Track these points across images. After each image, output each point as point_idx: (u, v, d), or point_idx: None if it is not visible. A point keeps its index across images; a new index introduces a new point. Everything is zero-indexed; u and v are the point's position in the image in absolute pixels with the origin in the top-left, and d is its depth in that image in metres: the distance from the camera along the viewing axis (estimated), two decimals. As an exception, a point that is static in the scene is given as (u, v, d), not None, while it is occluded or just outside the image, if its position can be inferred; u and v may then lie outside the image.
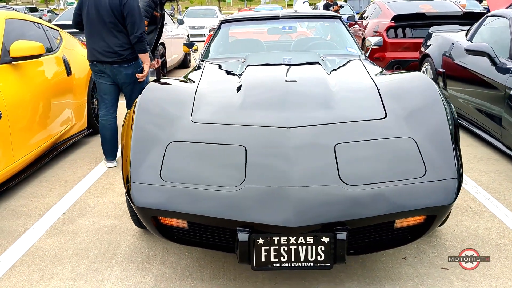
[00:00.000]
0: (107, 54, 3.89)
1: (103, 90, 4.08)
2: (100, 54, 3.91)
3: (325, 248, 1.94)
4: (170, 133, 2.37)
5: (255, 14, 4.56)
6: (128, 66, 3.96)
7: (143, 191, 2.10)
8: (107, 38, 3.87)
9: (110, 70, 3.95)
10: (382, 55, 7.84)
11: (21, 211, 3.29)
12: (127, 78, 3.99)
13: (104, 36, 3.88)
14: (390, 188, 2.00)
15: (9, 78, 3.56)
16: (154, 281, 2.41)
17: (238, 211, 1.94)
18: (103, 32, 3.87)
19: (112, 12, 3.82)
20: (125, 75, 3.97)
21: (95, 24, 3.89)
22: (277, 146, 2.20)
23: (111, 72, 3.96)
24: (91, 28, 3.93)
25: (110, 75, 3.99)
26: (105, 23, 3.85)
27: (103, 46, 3.89)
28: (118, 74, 3.96)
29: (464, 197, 3.32)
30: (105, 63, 3.93)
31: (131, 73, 3.99)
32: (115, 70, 3.94)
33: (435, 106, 2.42)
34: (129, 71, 3.98)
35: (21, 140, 3.58)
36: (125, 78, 3.98)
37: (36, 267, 2.56)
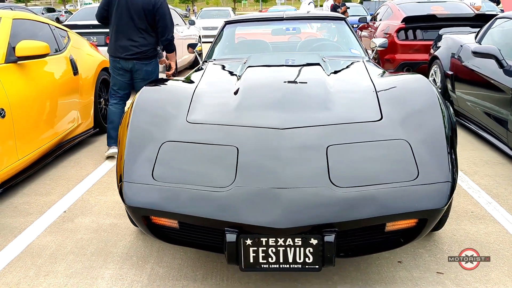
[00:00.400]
0: (132, 51, 4.15)
1: (118, 85, 4.34)
2: (124, 52, 4.16)
3: (313, 250, 1.93)
4: (164, 133, 2.38)
5: (260, 15, 4.56)
6: (149, 63, 4.25)
7: (134, 191, 2.11)
8: (134, 38, 4.12)
9: (132, 65, 4.20)
10: (392, 57, 7.78)
11: (23, 209, 3.33)
12: (147, 74, 4.25)
13: (132, 36, 4.13)
14: (380, 191, 1.98)
15: (14, 77, 3.61)
16: (148, 280, 2.42)
17: (226, 212, 1.94)
18: (131, 32, 4.13)
19: (144, 15, 4.09)
20: (145, 72, 4.24)
21: (124, 23, 4.13)
22: (269, 147, 2.20)
23: (133, 67, 4.21)
24: (119, 27, 4.16)
25: (131, 71, 4.25)
26: (135, 24, 4.11)
27: (129, 44, 4.14)
28: (139, 70, 4.22)
29: (466, 201, 3.28)
30: (128, 60, 4.18)
31: (151, 70, 4.27)
32: (137, 66, 4.20)
33: (432, 109, 2.39)
34: (149, 68, 4.26)
35: (25, 139, 3.63)
36: (145, 74, 4.24)
37: (33, 264, 2.59)
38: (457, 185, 3.50)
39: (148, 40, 4.16)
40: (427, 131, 2.28)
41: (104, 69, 5.32)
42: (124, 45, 4.15)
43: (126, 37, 4.14)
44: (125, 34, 4.14)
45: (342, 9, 12.94)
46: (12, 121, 3.44)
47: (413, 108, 2.45)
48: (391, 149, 2.20)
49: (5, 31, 3.77)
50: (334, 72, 3.16)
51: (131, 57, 4.16)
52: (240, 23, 4.47)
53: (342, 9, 12.94)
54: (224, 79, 3.10)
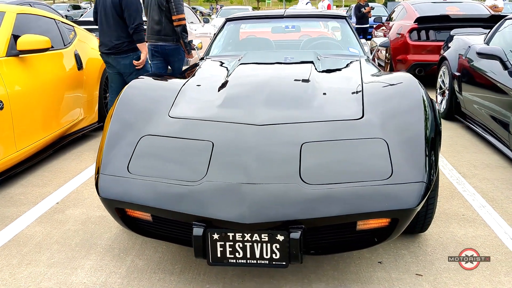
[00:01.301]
0: (108, 46, 4.44)
1: (110, 79, 4.68)
2: (103, 47, 4.49)
3: (280, 247, 1.93)
4: (145, 127, 2.41)
5: (261, 13, 4.55)
6: (126, 56, 4.44)
7: (108, 183, 2.14)
8: (109, 32, 4.40)
9: (112, 60, 4.50)
10: (404, 57, 7.69)
11: (18, 199, 3.40)
12: (126, 68, 4.48)
13: (108, 31, 4.42)
14: (351, 189, 1.97)
15: (14, 70, 3.69)
16: (126, 272, 2.45)
17: (194, 206, 1.95)
18: (107, 27, 4.41)
19: (113, 8, 4.32)
20: (124, 65, 4.46)
21: (102, 20, 4.45)
22: (244, 143, 2.20)
23: (113, 62, 4.50)
24: (100, 24, 4.50)
25: (114, 65, 4.52)
26: (109, 18, 4.38)
27: (106, 39, 4.44)
28: (117, 64, 4.48)
29: (458, 204, 3.23)
30: (108, 55, 4.47)
31: (129, 63, 4.46)
32: (115, 61, 4.47)
33: (415, 110, 2.36)
34: (126, 61, 4.45)
35: (24, 131, 3.70)
36: (124, 68, 4.48)
37: (17, 253, 2.65)
38: (452, 188, 3.47)
39: (121, 33, 4.37)
40: (406, 131, 2.25)
41: (110, 65, 5.37)
42: (104, 41, 4.48)
43: (104, 34, 4.45)
44: (103, 31, 4.45)
45: (367, 9, 12.84)
46: (11, 113, 3.52)
47: (396, 107, 2.42)
48: (367, 147, 2.18)
49: (8, 26, 3.85)
50: (326, 70, 3.14)
51: (108, 51, 4.44)
52: (241, 20, 4.48)
53: (367, 9, 12.84)
54: (215, 76, 3.11)
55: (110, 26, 4.38)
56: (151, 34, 4.99)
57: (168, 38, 4.94)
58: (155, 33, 4.96)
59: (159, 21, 4.88)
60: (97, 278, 2.39)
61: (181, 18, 4.85)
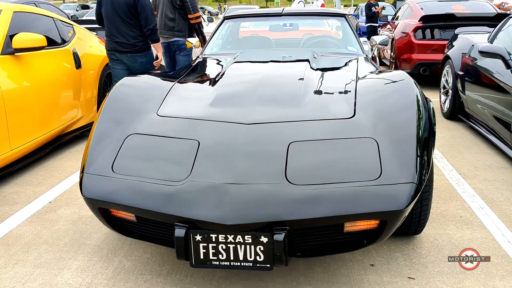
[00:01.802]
0: (124, 45, 4.61)
1: (117, 76, 4.70)
2: (118, 45, 4.63)
3: (264, 249, 1.88)
4: (133, 125, 2.37)
5: (259, 11, 4.51)
6: (143, 55, 4.69)
7: (92, 182, 2.11)
8: (124, 32, 4.58)
9: (127, 59, 4.66)
10: (409, 56, 7.61)
11: (11, 198, 3.38)
12: (142, 65, 4.70)
13: (123, 31, 4.58)
14: (337, 190, 1.91)
15: (9, 68, 3.67)
16: (112, 273, 2.41)
17: (176, 206, 1.91)
18: (123, 27, 4.57)
19: (128, 9, 4.51)
20: (140, 63, 4.69)
21: (112, 19, 4.60)
22: (231, 142, 2.16)
23: (128, 60, 4.67)
24: (108, 23, 4.64)
25: (126, 63, 4.70)
26: (122, 19, 4.55)
27: (121, 39, 4.60)
28: (134, 62, 4.67)
29: (456, 205, 3.16)
30: (122, 53, 4.64)
31: (145, 61, 4.72)
32: (132, 59, 4.66)
33: (407, 109, 2.30)
34: (143, 59, 4.70)
35: (19, 130, 3.68)
36: (140, 66, 4.70)
37: (5, 253, 2.62)
38: (451, 189, 3.40)
39: (138, 33, 4.58)
40: (397, 131, 2.19)
41: (109, 64, 5.36)
42: (118, 40, 4.60)
43: (117, 33, 4.60)
44: (115, 30, 4.60)
45: (378, 8, 12.76)
46: (5, 112, 3.50)
47: (388, 107, 2.36)
48: (357, 147, 2.12)
49: (4, 24, 3.83)
50: (321, 69, 3.09)
51: (124, 50, 4.60)
52: (239, 18, 4.43)
53: (378, 8, 12.76)
54: (207, 75, 3.06)
55: (124, 27, 4.56)
56: (163, 29, 5.35)
57: (181, 34, 5.36)
58: (169, 29, 5.34)
59: (173, 18, 5.29)
60: (82, 279, 2.36)
61: (197, 16, 5.37)
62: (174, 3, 5.23)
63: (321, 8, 4.72)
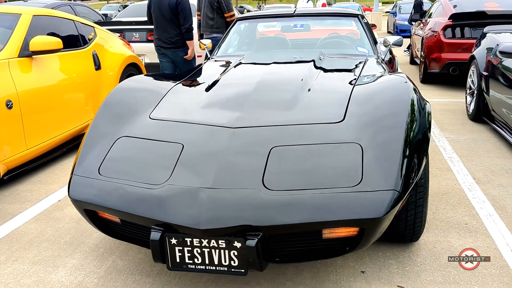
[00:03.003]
0: (167, 42, 5.52)
1: (165, 68, 5.78)
2: (162, 42, 5.55)
3: (238, 254, 1.87)
4: (123, 128, 2.41)
5: (270, 12, 4.48)
6: (182, 50, 5.58)
7: (79, 184, 2.16)
8: (167, 31, 5.46)
9: (170, 53, 5.61)
10: (438, 56, 7.39)
11: (24, 196, 3.51)
12: (181, 59, 5.63)
13: (167, 29, 5.46)
14: (313, 196, 1.88)
15: (25, 70, 3.80)
16: (104, 272, 2.46)
17: (153, 209, 1.93)
18: (167, 26, 5.45)
19: (170, 10, 5.37)
20: (180, 57, 5.62)
21: (158, 19, 5.49)
22: (213, 145, 2.16)
23: (172, 55, 5.62)
24: (156, 23, 5.55)
25: (170, 57, 5.66)
26: (166, 19, 5.42)
27: (166, 36, 5.49)
28: (176, 56, 5.61)
29: (463, 212, 3.05)
30: (166, 48, 5.57)
31: (183, 55, 5.61)
32: (174, 54, 5.59)
33: (397, 114, 2.23)
34: (182, 53, 5.60)
35: (35, 129, 3.81)
36: (180, 59, 5.63)
37: (7, 249, 2.72)
38: (462, 195, 3.29)
39: (178, 31, 5.44)
40: (383, 136, 2.13)
41: (131, 65, 5.47)
42: (163, 38, 5.51)
43: (163, 31, 5.48)
44: (161, 29, 5.48)
45: None
46: (20, 112, 3.63)
47: (379, 111, 2.31)
48: (340, 152, 2.08)
49: (23, 27, 3.97)
50: (325, 70, 3.05)
51: (168, 46, 5.51)
52: (250, 20, 4.42)
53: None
54: (209, 77, 3.07)
55: (168, 26, 5.42)
56: (205, 27, 6.30)
57: (219, 30, 6.21)
58: (209, 27, 6.26)
59: (212, 17, 6.17)
60: (75, 277, 2.42)
61: (232, 15, 6.20)
62: (212, 4, 6.11)
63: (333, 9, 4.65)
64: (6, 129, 3.50)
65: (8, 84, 3.56)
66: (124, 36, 7.54)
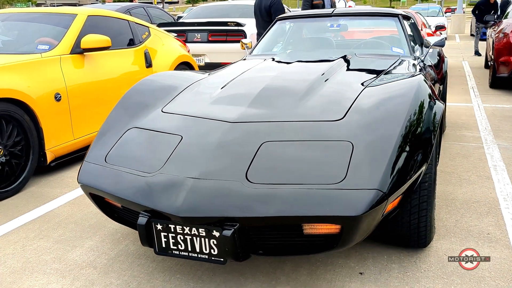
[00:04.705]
0: None
1: None
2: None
3: (217, 243, 1.93)
4: (136, 120, 2.55)
5: (310, 12, 4.47)
6: None
7: (87, 170, 2.33)
8: (265, 27, 5.73)
9: None
10: (507, 59, 6.99)
11: (66, 182, 3.79)
12: None
13: (264, 26, 6.14)
14: (293, 191, 1.90)
15: (76, 66, 4.10)
16: (115, 254, 2.62)
17: (141, 196, 2.04)
18: (263, 25, 6.34)
19: (265, 12, 6.44)
20: None
21: (259, 20, 6.62)
22: (209, 138, 2.23)
23: None
24: (257, 21, 6.70)
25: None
26: (264, 19, 6.42)
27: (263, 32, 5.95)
28: None
29: (490, 222, 2.89)
30: None
31: None
32: None
33: (396, 116, 2.19)
34: None
35: (82, 121, 4.10)
36: None
37: (39, 228, 2.97)
38: (494, 205, 3.12)
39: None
40: (377, 136, 2.10)
41: (183, 63, 5.69)
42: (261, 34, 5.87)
43: (261, 28, 6.40)
44: (260, 26, 6.55)
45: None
46: (68, 105, 3.93)
47: (378, 112, 2.27)
48: (329, 150, 2.08)
49: (77, 27, 4.29)
50: (347, 69, 3.03)
51: None
52: (290, 20, 4.45)
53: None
54: (231, 74, 3.14)
55: (265, 25, 6.08)
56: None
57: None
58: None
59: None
60: (88, 257, 2.60)
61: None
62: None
63: (372, 8, 4.55)
64: (54, 119, 3.80)
65: (58, 78, 3.87)
66: (186, 36, 7.83)
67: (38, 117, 3.64)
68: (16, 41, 4.35)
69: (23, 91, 3.49)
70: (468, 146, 4.50)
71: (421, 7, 22.53)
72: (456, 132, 5.02)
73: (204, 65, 7.69)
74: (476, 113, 5.93)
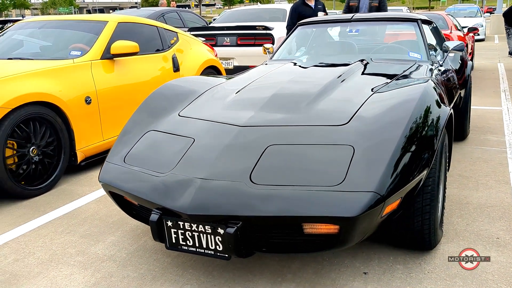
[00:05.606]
0: None
1: None
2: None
3: (221, 239, 2.06)
4: (155, 123, 2.72)
5: (330, 18, 4.55)
6: None
7: (107, 170, 2.50)
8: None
9: None
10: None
11: (95, 181, 4.01)
12: None
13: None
14: (293, 192, 2.01)
15: (106, 71, 4.33)
16: (134, 249, 2.79)
17: (153, 194, 2.19)
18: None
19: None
20: None
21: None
22: (219, 141, 2.37)
23: None
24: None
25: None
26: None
27: None
28: None
29: (501, 226, 2.91)
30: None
31: None
32: None
33: (398, 122, 2.27)
34: None
35: (111, 123, 4.31)
36: None
37: (67, 224, 3.18)
38: (508, 209, 3.14)
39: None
40: (378, 141, 2.19)
41: (210, 67, 5.86)
42: None
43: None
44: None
45: None
46: (98, 107, 4.15)
47: (382, 117, 2.35)
48: (331, 153, 2.18)
49: (108, 33, 4.51)
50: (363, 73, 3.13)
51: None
52: (311, 25, 4.53)
53: None
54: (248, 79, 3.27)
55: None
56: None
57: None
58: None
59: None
60: (109, 251, 2.78)
61: None
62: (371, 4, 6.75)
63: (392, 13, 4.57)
64: (84, 121, 4.03)
65: (88, 82, 4.09)
66: (216, 40, 8.02)
67: (69, 119, 3.87)
68: (51, 47, 4.61)
69: (55, 95, 3.72)
70: (491, 151, 4.48)
71: (459, 8, 22.07)
72: (480, 136, 4.99)
73: (233, 68, 7.86)
74: (504, 117, 5.86)
